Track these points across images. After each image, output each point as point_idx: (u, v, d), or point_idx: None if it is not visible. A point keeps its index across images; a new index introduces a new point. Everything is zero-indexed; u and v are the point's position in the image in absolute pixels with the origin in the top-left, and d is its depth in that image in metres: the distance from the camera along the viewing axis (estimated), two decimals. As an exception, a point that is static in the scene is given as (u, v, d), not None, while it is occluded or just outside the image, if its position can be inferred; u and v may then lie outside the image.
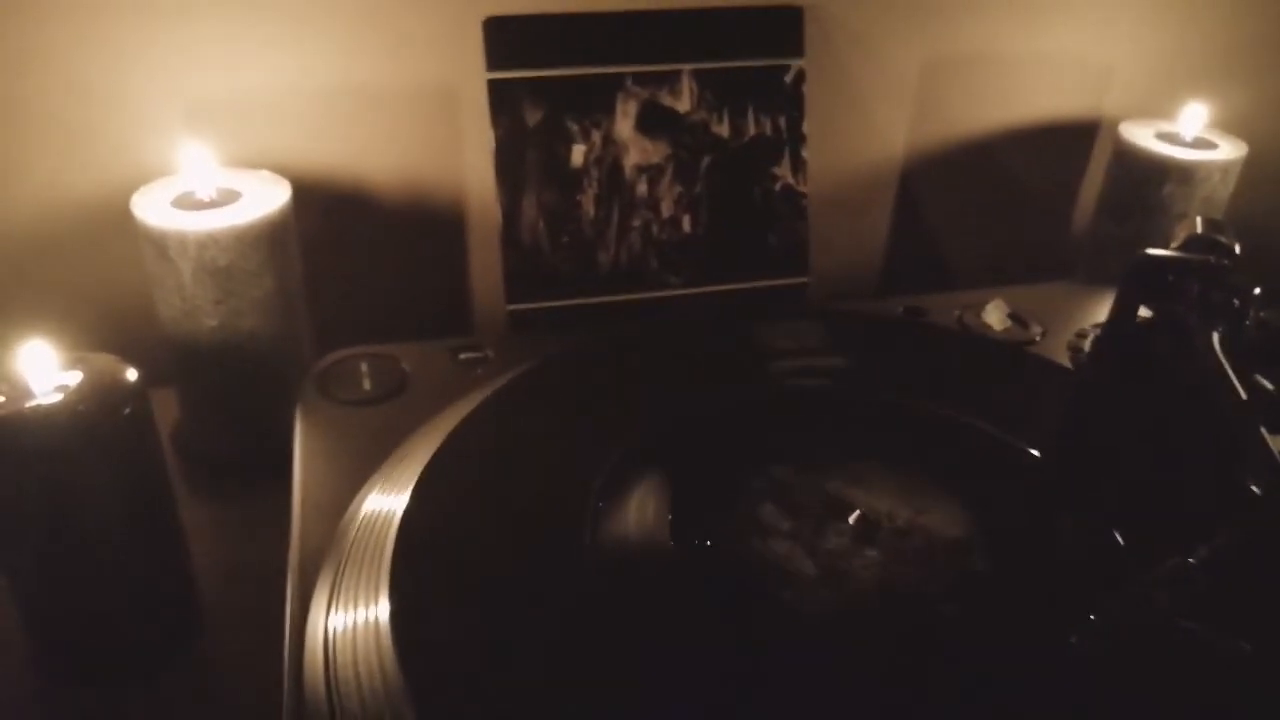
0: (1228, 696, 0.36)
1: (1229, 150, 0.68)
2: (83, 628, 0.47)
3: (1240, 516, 0.39)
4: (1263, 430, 0.43)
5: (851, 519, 0.43)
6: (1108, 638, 0.36)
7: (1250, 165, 0.69)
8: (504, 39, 0.62)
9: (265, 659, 0.46)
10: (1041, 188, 0.79)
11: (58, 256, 0.63)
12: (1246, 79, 0.76)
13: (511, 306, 0.63)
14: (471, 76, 0.62)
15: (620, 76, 0.64)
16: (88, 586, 0.46)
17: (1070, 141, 0.78)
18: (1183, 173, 0.67)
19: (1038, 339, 0.61)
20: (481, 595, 0.40)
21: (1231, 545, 0.38)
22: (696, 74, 0.65)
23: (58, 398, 0.43)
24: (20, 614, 0.47)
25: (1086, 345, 0.59)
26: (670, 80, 0.65)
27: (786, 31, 0.67)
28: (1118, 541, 0.44)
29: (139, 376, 0.45)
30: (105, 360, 0.46)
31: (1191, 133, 0.70)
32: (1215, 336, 0.49)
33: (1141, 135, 0.70)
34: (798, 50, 0.67)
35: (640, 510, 0.44)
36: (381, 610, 0.39)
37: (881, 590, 0.41)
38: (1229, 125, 0.71)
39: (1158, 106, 0.73)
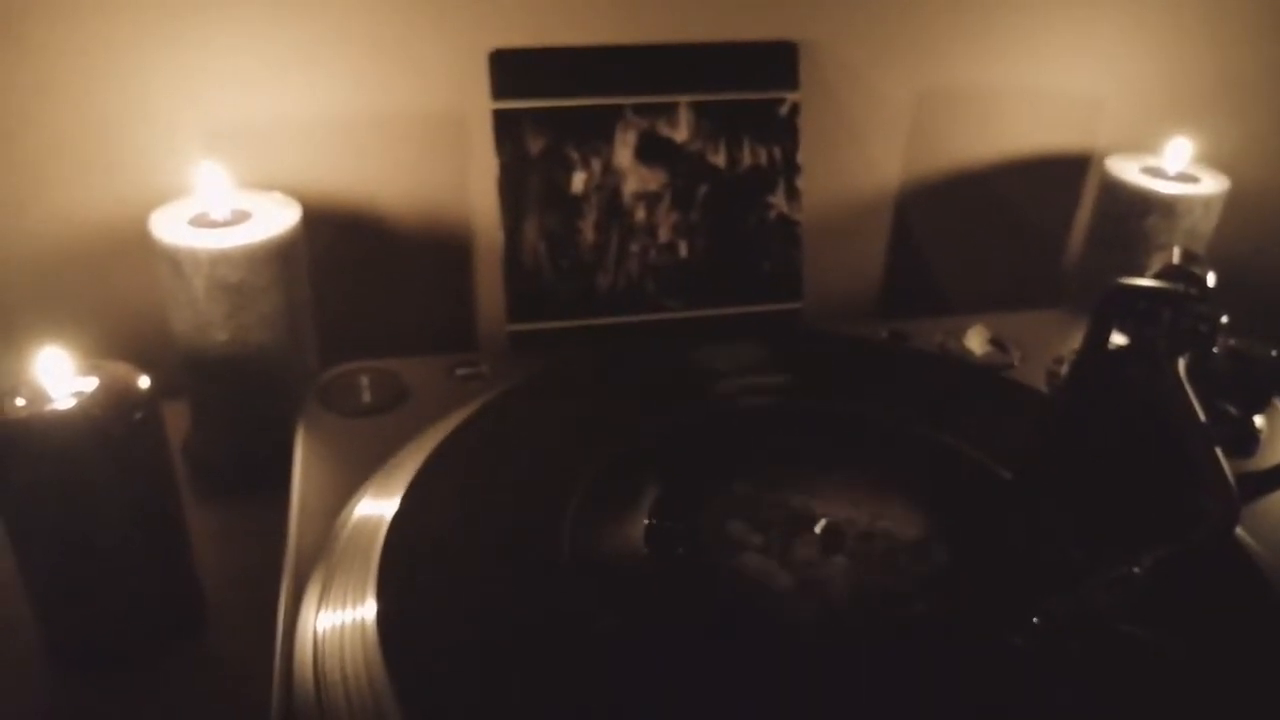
0: (1159, 694, 0.38)
1: (1211, 185, 0.70)
2: (91, 620, 0.50)
3: (1187, 530, 0.41)
4: (1217, 451, 0.45)
5: (818, 528, 0.45)
6: (1048, 638, 0.38)
7: (1234, 199, 0.70)
8: (509, 70, 0.65)
9: (262, 657, 0.48)
10: (1034, 219, 0.81)
11: (80, 273, 0.66)
12: (1233, 115, 0.78)
13: (512, 327, 0.66)
14: (479, 106, 0.65)
15: (620, 107, 0.67)
16: (97, 580, 0.48)
17: (1062, 173, 0.80)
18: (1165, 206, 0.69)
19: (1016, 364, 0.63)
20: (465, 597, 0.42)
21: (1174, 555, 0.40)
22: (694, 105, 0.68)
23: (73, 402, 0.46)
24: (34, 605, 0.49)
25: (1063, 370, 0.61)
26: (669, 111, 0.67)
27: (782, 66, 0.69)
28: (1071, 548, 0.45)
29: (151, 384, 0.48)
30: (119, 368, 0.48)
31: (1176, 167, 0.72)
32: (1181, 362, 0.51)
33: (1127, 169, 0.72)
34: (793, 84, 0.69)
35: (616, 519, 0.46)
36: (368, 610, 0.41)
37: (855, 595, 0.43)
38: (1216, 160, 0.73)
39: (1148, 141, 0.74)
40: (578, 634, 0.41)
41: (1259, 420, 0.55)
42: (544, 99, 0.65)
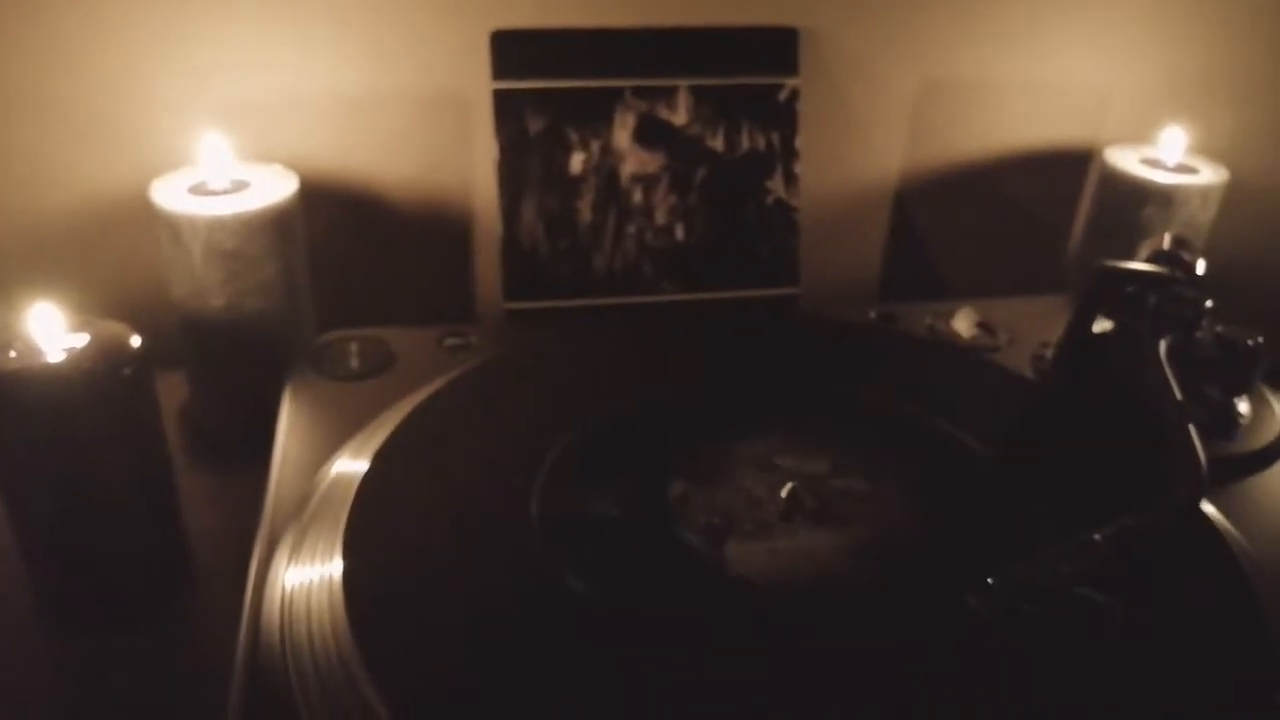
0: (1111, 657, 0.38)
1: (1209, 175, 0.70)
2: (81, 572, 0.50)
3: (1153, 503, 0.41)
4: (1190, 427, 0.45)
5: (784, 492, 0.45)
6: (1004, 600, 0.38)
7: (1233, 190, 0.70)
8: (509, 51, 0.66)
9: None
10: (1036, 209, 0.81)
11: (83, 241, 0.67)
12: (1234, 106, 0.78)
13: (509, 305, 0.66)
14: (479, 86, 0.66)
15: (620, 89, 0.67)
16: (86, 532, 0.49)
17: (1064, 164, 0.80)
18: (1162, 196, 0.69)
19: (1002, 347, 0.63)
20: (431, 558, 0.43)
21: (1138, 527, 0.40)
22: (694, 89, 0.68)
23: (65, 356, 0.47)
24: (25, 559, 0.51)
25: (1049, 353, 0.61)
26: (668, 94, 0.68)
27: (782, 51, 0.69)
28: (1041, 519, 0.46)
29: (142, 342, 0.49)
30: (111, 325, 0.49)
31: (1174, 158, 0.72)
32: (1162, 344, 0.51)
33: (1125, 159, 0.72)
34: (792, 69, 0.69)
35: (587, 485, 0.47)
36: (335, 568, 0.41)
37: (853, 549, 0.44)
38: (1218, 152, 0.72)
39: (1151, 132, 0.74)
40: (543, 596, 0.41)
41: (1241, 404, 0.55)
42: (544, 80, 0.66)
